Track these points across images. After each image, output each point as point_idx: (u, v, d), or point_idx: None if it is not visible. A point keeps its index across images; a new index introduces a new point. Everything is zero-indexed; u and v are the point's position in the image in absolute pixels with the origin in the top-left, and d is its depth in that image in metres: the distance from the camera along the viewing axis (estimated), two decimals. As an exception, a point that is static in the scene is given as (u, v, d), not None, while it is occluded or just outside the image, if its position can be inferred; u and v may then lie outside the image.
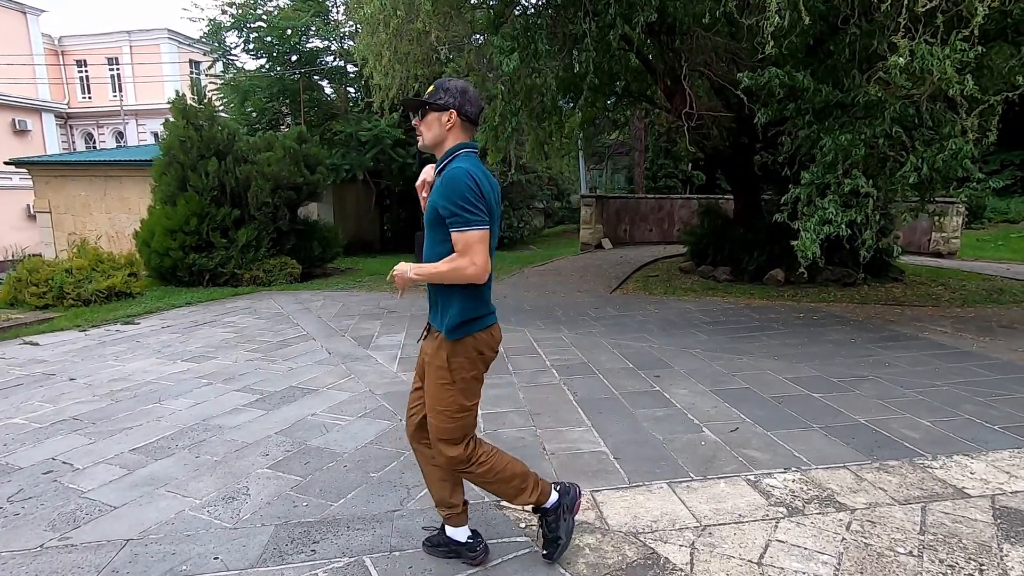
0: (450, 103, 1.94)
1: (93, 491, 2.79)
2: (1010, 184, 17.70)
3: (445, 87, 1.96)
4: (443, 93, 1.95)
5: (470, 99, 1.97)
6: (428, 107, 1.96)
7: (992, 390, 4.08)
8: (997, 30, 5.34)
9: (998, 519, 2.45)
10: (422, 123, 1.99)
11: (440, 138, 1.98)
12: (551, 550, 2.15)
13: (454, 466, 2.05)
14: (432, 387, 2.02)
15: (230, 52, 15.47)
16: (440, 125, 1.96)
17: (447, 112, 1.95)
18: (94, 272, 8.13)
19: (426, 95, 1.99)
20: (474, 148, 2.00)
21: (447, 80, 2.00)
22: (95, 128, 30.28)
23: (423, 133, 2.00)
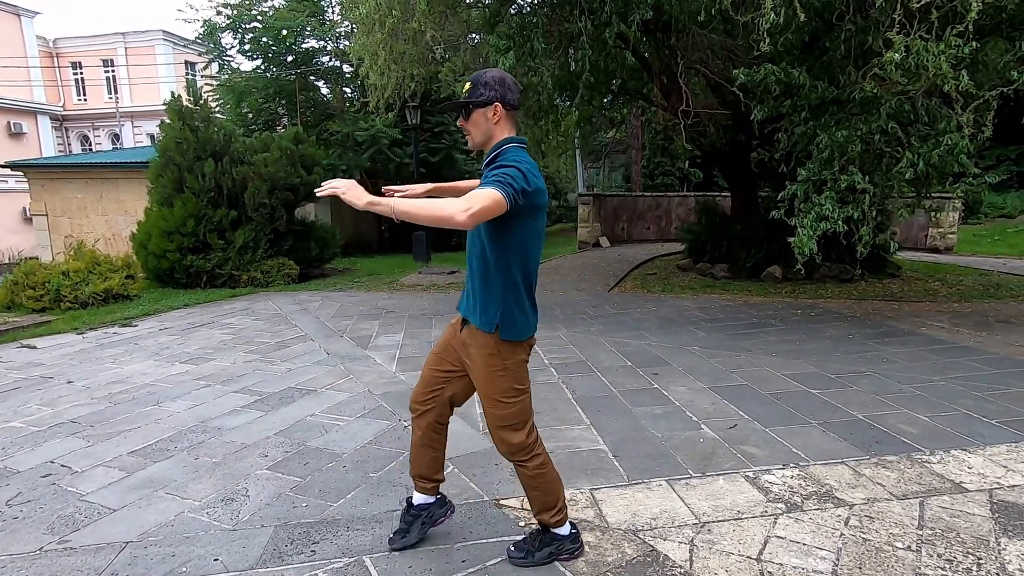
0: (493, 96, 1.91)
1: (92, 494, 2.78)
2: (1006, 179, 17.74)
3: (483, 81, 1.92)
4: (483, 88, 1.91)
5: (509, 87, 1.94)
6: (472, 106, 1.93)
7: (989, 384, 4.09)
8: (992, 25, 5.35)
9: (995, 513, 2.46)
10: (468, 123, 1.96)
11: (489, 133, 1.95)
12: (519, 554, 2.16)
13: (515, 454, 2.04)
14: (483, 376, 2.01)
15: (226, 53, 15.45)
16: (487, 120, 1.93)
17: (492, 106, 1.91)
18: (91, 275, 8.11)
19: (465, 93, 1.95)
20: (522, 142, 1.97)
21: (482, 73, 1.95)
22: (91, 130, 30.20)
23: (471, 132, 1.98)
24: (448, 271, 10.50)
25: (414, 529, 2.28)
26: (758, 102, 5.93)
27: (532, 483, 2.11)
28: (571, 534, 2.20)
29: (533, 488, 2.12)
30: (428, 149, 14.36)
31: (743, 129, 8.49)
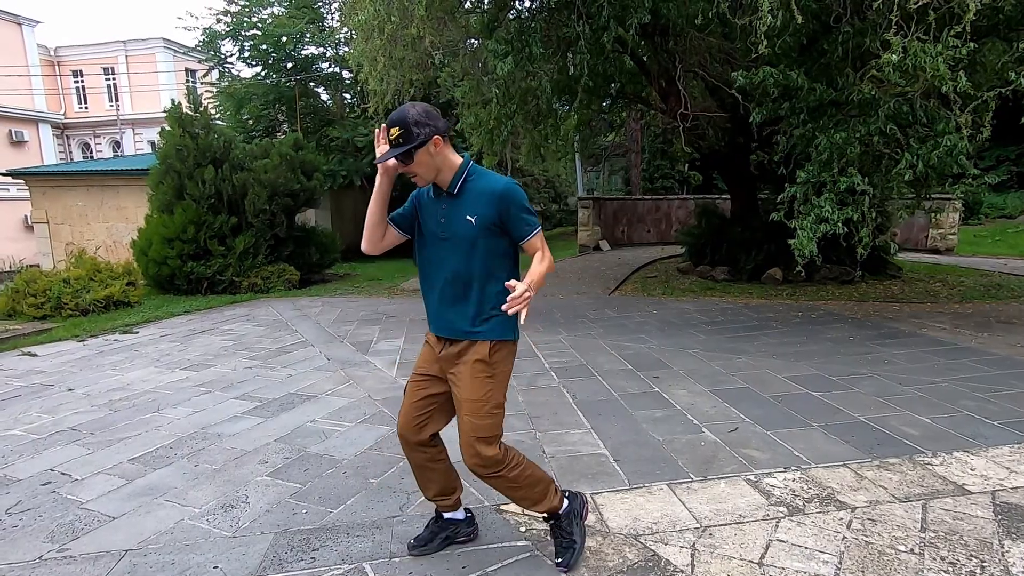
0: (429, 132, 1.88)
1: (92, 502, 2.78)
2: (1006, 179, 17.74)
3: (414, 122, 1.86)
4: (416, 127, 1.87)
5: (435, 116, 1.92)
6: (411, 151, 1.89)
7: (991, 386, 4.08)
8: (989, 26, 5.36)
9: (999, 515, 2.45)
10: (414, 166, 1.93)
11: (437, 167, 1.95)
12: (566, 556, 2.13)
13: (489, 467, 2.01)
14: (469, 383, 2.00)
15: (226, 60, 15.50)
16: (432, 156, 1.92)
17: (431, 141, 1.89)
18: (92, 282, 8.12)
19: (396, 139, 1.88)
20: (469, 160, 2.02)
21: (406, 113, 1.88)
22: (92, 138, 30.29)
23: (418, 173, 1.95)
24: (448, 276, 10.49)
25: (436, 540, 2.28)
26: (756, 104, 5.94)
27: (512, 489, 2.09)
28: (570, 495, 2.23)
29: (515, 490, 2.10)
30: (428, 154, 14.42)
31: (742, 132, 8.50)
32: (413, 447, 2.17)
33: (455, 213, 1.98)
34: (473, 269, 1.99)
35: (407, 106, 1.92)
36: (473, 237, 1.96)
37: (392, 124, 1.90)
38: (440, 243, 2.02)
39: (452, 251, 2.00)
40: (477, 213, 1.95)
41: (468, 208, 1.96)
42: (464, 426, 2.01)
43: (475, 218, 1.95)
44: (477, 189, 1.96)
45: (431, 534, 2.29)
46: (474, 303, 2.01)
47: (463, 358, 2.02)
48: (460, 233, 1.97)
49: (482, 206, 1.94)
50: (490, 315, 2.01)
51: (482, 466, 2.01)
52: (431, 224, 2.05)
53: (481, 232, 1.96)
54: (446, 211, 2.00)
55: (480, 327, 2.01)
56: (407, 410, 2.16)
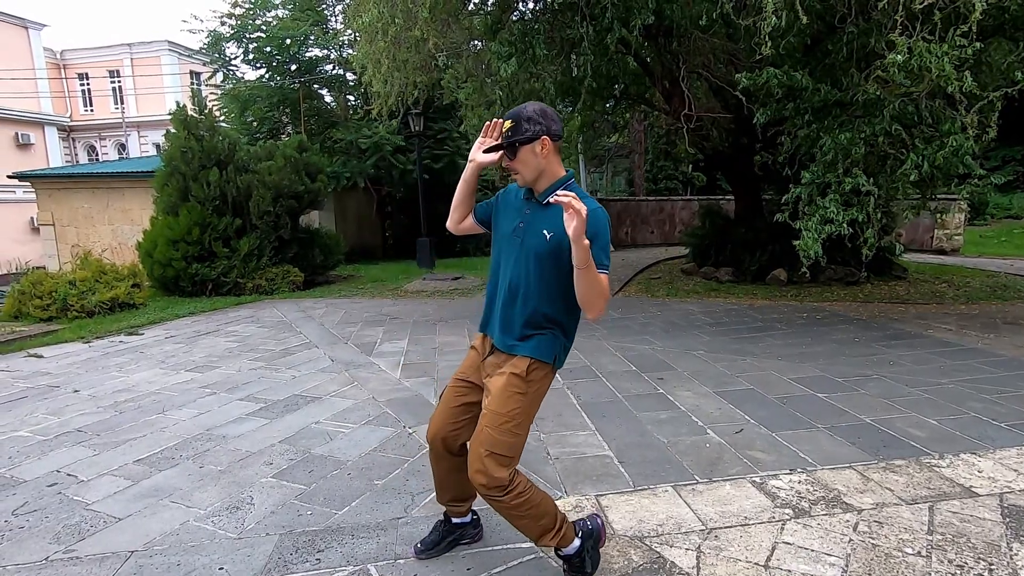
0: (539, 130, 1.86)
1: (98, 503, 2.79)
2: (1012, 180, 17.65)
3: (526, 116, 1.87)
4: (527, 123, 1.86)
5: (552, 118, 1.90)
6: (518, 144, 1.87)
7: (998, 387, 4.06)
8: (995, 26, 5.34)
9: (1006, 518, 2.43)
10: (515, 162, 1.90)
11: (539, 169, 1.90)
12: None
13: (491, 488, 1.89)
14: (499, 394, 1.93)
15: (230, 63, 15.54)
16: (536, 156, 1.88)
17: (539, 140, 1.87)
18: (97, 284, 8.15)
19: (507, 132, 1.89)
20: (572, 176, 1.97)
21: (523, 109, 1.90)
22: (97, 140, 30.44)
23: (519, 171, 1.91)
24: (452, 277, 10.51)
25: (444, 542, 2.28)
26: (760, 105, 5.93)
27: (514, 517, 1.97)
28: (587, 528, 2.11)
29: (518, 519, 1.97)
30: (431, 156, 14.39)
31: (746, 132, 8.49)
32: (441, 455, 2.12)
33: (535, 223, 1.93)
34: (531, 284, 1.93)
35: (527, 103, 1.92)
36: (542, 252, 1.90)
37: (507, 118, 1.91)
38: (510, 247, 1.98)
39: (518, 259, 1.95)
40: (555, 231, 1.86)
41: (549, 223, 1.89)
42: (480, 436, 1.91)
43: (551, 235, 1.88)
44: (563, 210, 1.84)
45: (439, 537, 2.28)
46: (521, 316, 1.95)
47: (501, 368, 1.98)
48: (531, 244, 1.92)
49: (563, 225, 1.80)
50: (534, 333, 1.95)
51: (484, 485, 1.89)
52: (507, 225, 2.02)
53: (552, 250, 1.88)
54: (528, 217, 1.96)
55: (522, 342, 1.96)
56: (442, 415, 2.10)
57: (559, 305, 1.96)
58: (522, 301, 1.95)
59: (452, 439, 2.09)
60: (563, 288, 1.92)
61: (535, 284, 1.93)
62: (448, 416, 2.09)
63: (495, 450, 1.89)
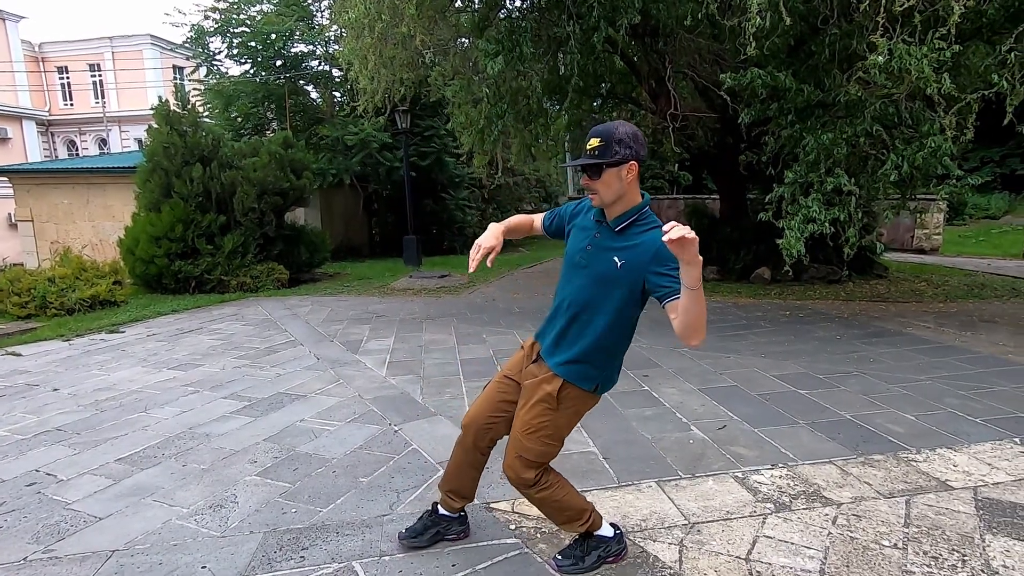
0: (628, 155, 1.78)
1: (78, 502, 2.75)
2: (990, 181, 17.99)
3: (617, 138, 1.77)
4: (618, 146, 1.77)
5: (642, 142, 1.82)
6: (605, 166, 1.79)
7: (974, 384, 4.14)
8: (973, 29, 5.44)
9: (980, 510, 2.49)
10: (598, 182, 1.81)
11: (621, 192, 1.82)
12: (566, 564, 2.12)
13: (519, 485, 2.03)
14: (530, 405, 1.98)
15: (214, 58, 15.35)
16: (621, 180, 1.80)
17: (627, 165, 1.79)
18: (77, 281, 8.02)
19: (593, 150, 1.78)
20: (648, 202, 1.90)
21: (614, 129, 1.79)
22: (77, 135, 29.92)
23: (599, 192, 1.83)
24: (439, 275, 10.49)
25: (428, 533, 2.29)
26: (745, 105, 5.99)
27: (539, 506, 2.10)
28: (616, 535, 2.19)
29: (543, 508, 2.10)
30: (418, 153, 14.34)
31: (731, 132, 8.57)
32: (467, 444, 2.16)
33: (606, 248, 1.87)
34: (594, 307, 1.91)
35: (617, 122, 1.82)
36: (609, 279, 1.86)
37: (594, 135, 1.80)
38: (578, 267, 1.95)
39: (583, 281, 1.93)
40: (626, 259, 1.82)
41: (621, 250, 1.84)
42: (513, 438, 2.01)
43: (622, 263, 1.83)
44: (641, 235, 1.83)
45: (423, 527, 2.30)
46: (575, 338, 1.94)
47: (536, 378, 2.00)
48: (599, 269, 1.88)
49: (635, 254, 1.81)
50: (579, 360, 1.94)
51: (512, 480, 2.04)
52: (576, 245, 1.98)
53: (620, 279, 1.85)
54: (597, 241, 1.90)
55: (564, 366, 1.95)
56: (481, 406, 2.14)
57: (616, 333, 1.94)
58: (579, 324, 1.94)
59: (484, 431, 2.13)
60: (621, 316, 1.91)
61: (596, 309, 1.90)
62: (487, 408, 2.13)
63: (525, 455, 1.98)
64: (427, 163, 14.60)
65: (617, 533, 2.20)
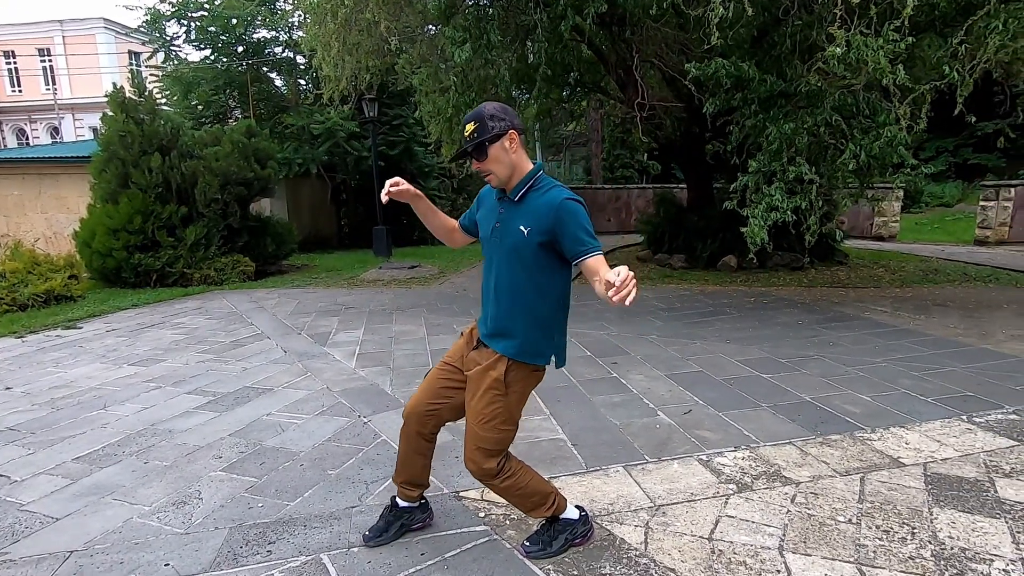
0: (505, 125, 1.84)
1: (33, 503, 2.67)
2: (944, 170, 18.66)
3: (489, 115, 1.85)
4: (492, 120, 1.84)
5: (513, 113, 1.90)
6: (487, 142, 1.84)
7: (926, 365, 4.32)
8: (926, 22, 5.61)
9: (929, 485, 2.61)
10: (487, 162, 1.86)
11: (512, 164, 1.88)
12: (535, 549, 2.15)
13: (483, 476, 2.04)
14: (480, 396, 1.98)
15: (171, 43, 14.81)
16: (507, 151, 1.86)
17: (507, 135, 1.85)
18: (30, 275, 7.72)
19: (472, 133, 1.84)
20: (541, 167, 1.95)
21: (483, 108, 1.87)
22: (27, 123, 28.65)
23: (493, 171, 1.88)
24: (409, 266, 10.41)
25: (392, 528, 2.28)
26: (710, 95, 6.07)
27: (504, 496, 2.12)
28: (581, 516, 2.23)
29: (509, 497, 2.12)
30: (387, 142, 14.13)
31: (697, 122, 8.67)
32: (412, 433, 2.15)
33: (511, 220, 1.92)
34: (519, 281, 1.93)
35: (486, 104, 1.88)
36: (523, 248, 1.90)
37: (467, 121, 1.85)
38: (492, 248, 1.99)
39: (500, 258, 1.96)
40: (531, 225, 1.87)
41: (524, 218, 1.89)
42: (469, 431, 2.02)
43: (528, 229, 1.87)
44: (538, 199, 1.88)
45: (387, 523, 2.29)
46: (508, 314, 1.97)
47: (480, 366, 2.01)
48: (510, 243, 1.92)
49: (538, 218, 1.86)
50: (516, 333, 1.96)
51: (474, 472, 2.05)
52: (487, 227, 2.02)
53: (532, 244, 1.88)
54: (503, 216, 1.95)
55: (505, 340, 1.97)
56: (422, 394, 2.14)
57: (548, 304, 1.97)
58: (508, 298, 1.96)
59: (426, 418, 2.13)
60: (548, 285, 1.94)
61: (524, 280, 1.94)
62: (427, 395, 2.13)
63: (484, 445, 1.99)
64: (396, 152, 14.41)
65: (583, 515, 2.24)
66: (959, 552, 2.13)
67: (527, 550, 2.16)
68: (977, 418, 3.33)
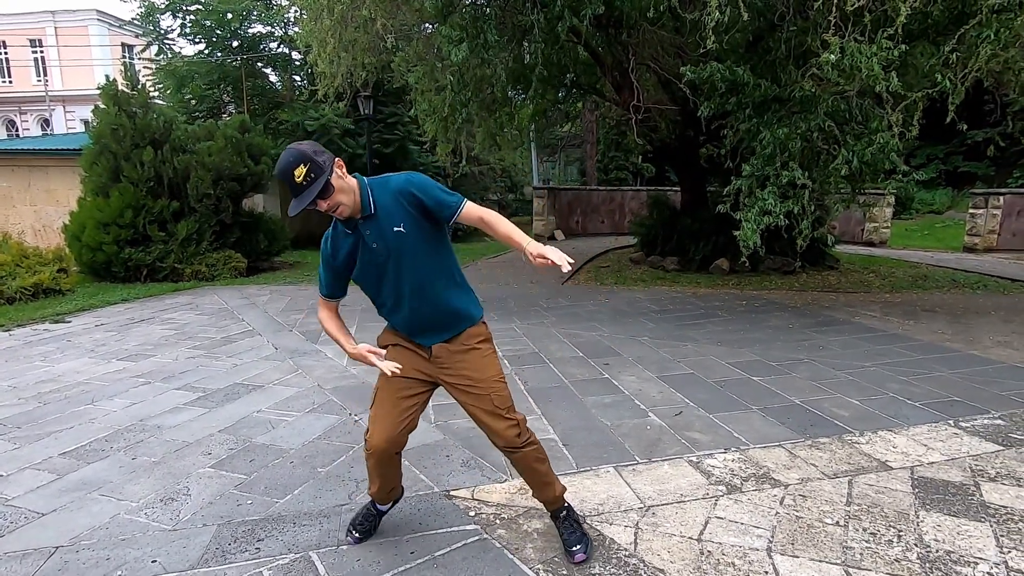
0: (328, 159, 1.82)
1: (18, 498, 2.64)
2: (935, 177, 18.83)
3: (313, 152, 1.78)
4: (318, 157, 1.78)
5: (319, 145, 1.87)
6: (328, 181, 1.78)
7: (914, 369, 4.36)
8: (919, 30, 5.66)
9: (916, 488, 2.63)
10: (334, 197, 1.80)
11: (351, 188, 1.86)
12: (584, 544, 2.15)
13: (523, 433, 2.05)
14: (482, 364, 2.05)
15: (166, 36, 14.73)
16: (343, 179, 1.84)
17: (335, 164, 1.83)
18: (18, 268, 7.64)
19: (307, 175, 1.75)
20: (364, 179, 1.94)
21: (301, 148, 1.78)
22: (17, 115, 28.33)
23: (342, 202, 1.83)
24: (402, 264, 10.37)
25: (375, 527, 2.31)
26: (705, 99, 6.09)
27: (540, 457, 2.11)
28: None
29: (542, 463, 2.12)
30: (381, 140, 14.10)
31: (692, 125, 8.71)
32: (388, 457, 2.10)
33: (383, 231, 1.89)
34: (424, 272, 1.95)
35: (292, 147, 1.80)
36: (411, 244, 1.90)
37: (293, 165, 1.75)
38: (384, 265, 1.94)
39: (401, 267, 1.93)
40: (401, 220, 1.88)
41: (390, 220, 1.88)
42: (492, 404, 2.03)
43: (402, 225, 1.88)
44: (386, 198, 1.89)
45: (372, 525, 2.29)
46: (451, 298, 2.01)
47: (465, 344, 2.04)
48: (398, 247, 1.90)
49: (400, 210, 1.88)
50: (461, 304, 2.04)
51: (518, 435, 2.04)
52: (365, 255, 1.94)
53: (416, 235, 1.90)
54: (372, 234, 1.90)
55: (459, 320, 2.05)
56: (392, 418, 2.04)
57: (454, 267, 2.05)
58: (430, 292, 1.97)
59: (402, 436, 2.07)
60: (439, 254, 1.99)
61: (426, 270, 1.95)
62: (397, 418, 2.04)
63: (504, 408, 2.05)
64: (391, 150, 14.39)
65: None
66: (944, 555, 2.15)
67: (579, 552, 2.11)
68: (964, 422, 3.36)
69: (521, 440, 2.05)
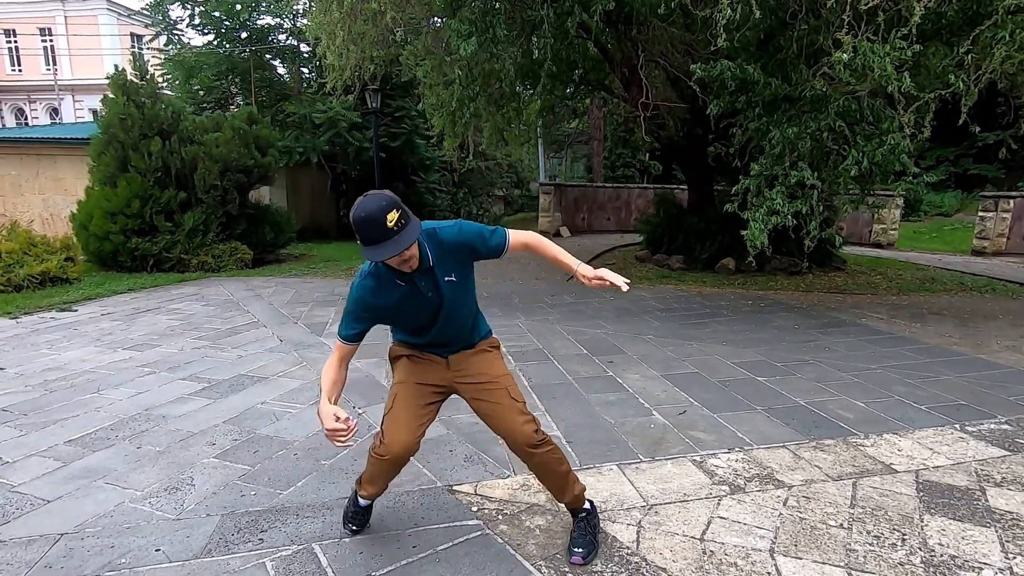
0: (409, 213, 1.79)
1: (24, 485, 2.66)
2: (944, 179, 18.69)
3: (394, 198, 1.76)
4: (404, 206, 1.77)
5: None
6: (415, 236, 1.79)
7: (920, 373, 4.33)
8: (933, 30, 5.60)
9: (920, 492, 2.62)
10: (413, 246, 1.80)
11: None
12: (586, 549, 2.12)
13: (536, 444, 2.02)
14: (492, 363, 2.13)
15: (175, 26, 14.72)
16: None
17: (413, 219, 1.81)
18: (26, 256, 7.68)
19: (399, 219, 1.72)
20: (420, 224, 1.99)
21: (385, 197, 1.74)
22: (26, 103, 28.47)
23: (415, 255, 1.83)
24: (407, 258, 10.38)
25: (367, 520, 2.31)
26: (714, 97, 6.05)
27: (558, 458, 2.09)
28: (593, 506, 2.26)
29: (560, 464, 2.10)
30: (388, 134, 14.08)
31: (700, 123, 8.67)
32: (401, 461, 2.10)
33: (437, 281, 1.94)
34: (467, 311, 2.09)
35: (375, 193, 1.77)
36: (460, 290, 2.00)
37: (385, 211, 1.70)
38: (436, 313, 1.99)
39: (450, 312, 2.01)
40: (452, 270, 1.96)
41: (443, 271, 1.94)
42: (509, 399, 2.05)
43: (453, 275, 1.97)
44: (438, 250, 1.93)
45: (367, 517, 2.30)
46: (470, 320, 2.13)
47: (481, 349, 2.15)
48: (451, 296, 1.98)
49: (451, 262, 1.96)
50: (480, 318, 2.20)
51: (529, 442, 2.02)
52: (414, 304, 1.96)
53: (463, 282, 2.01)
54: (427, 285, 1.93)
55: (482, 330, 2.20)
56: (410, 424, 2.04)
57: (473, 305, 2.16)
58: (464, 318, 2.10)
59: (417, 443, 2.08)
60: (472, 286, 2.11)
61: (463, 304, 2.06)
62: (415, 419, 2.06)
63: (525, 412, 2.07)
64: (397, 144, 14.37)
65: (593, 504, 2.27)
66: (949, 559, 2.14)
67: (578, 555, 2.10)
68: (970, 427, 3.34)
69: (538, 437, 2.04)
